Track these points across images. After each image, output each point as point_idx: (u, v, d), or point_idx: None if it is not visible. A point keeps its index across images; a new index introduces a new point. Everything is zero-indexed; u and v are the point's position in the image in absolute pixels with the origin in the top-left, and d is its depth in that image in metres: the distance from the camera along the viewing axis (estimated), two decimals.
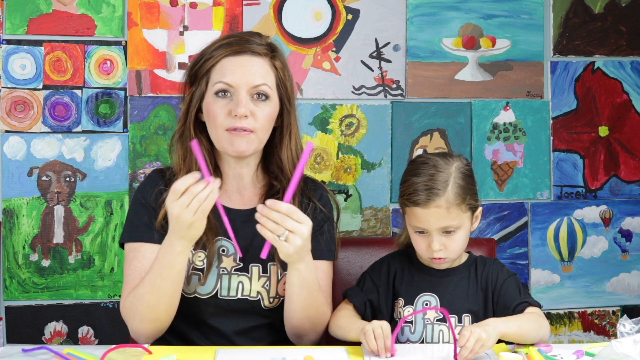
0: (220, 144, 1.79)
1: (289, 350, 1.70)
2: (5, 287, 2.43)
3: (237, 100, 1.75)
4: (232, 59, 1.77)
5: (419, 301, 1.83)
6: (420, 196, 1.75)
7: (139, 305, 1.71)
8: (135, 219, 1.83)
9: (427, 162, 1.81)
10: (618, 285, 2.66)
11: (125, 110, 2.45)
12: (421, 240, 1.80)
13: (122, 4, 2.43)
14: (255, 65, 1.78)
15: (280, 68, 1.81)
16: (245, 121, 1.74)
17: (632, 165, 2.65)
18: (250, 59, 1.78)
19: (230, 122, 1.74)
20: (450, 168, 1.79)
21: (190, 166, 1.80)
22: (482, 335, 1.57)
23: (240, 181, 1.87)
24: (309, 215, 1.85)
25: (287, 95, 1.83)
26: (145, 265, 1.76)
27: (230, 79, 1.75)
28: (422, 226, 1.78)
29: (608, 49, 2.62)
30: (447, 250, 1.78)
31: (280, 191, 1.84)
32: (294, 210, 1.63)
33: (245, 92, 1.75)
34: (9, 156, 2.42)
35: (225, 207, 1.85)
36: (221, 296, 1.80)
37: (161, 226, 1.78)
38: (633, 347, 1.45)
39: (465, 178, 1.81)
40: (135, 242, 1.80)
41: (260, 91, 1.77)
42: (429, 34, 2.54)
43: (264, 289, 1.81)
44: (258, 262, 1.81)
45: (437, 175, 1.77)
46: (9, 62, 2.40)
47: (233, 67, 1.76)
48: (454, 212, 1.76)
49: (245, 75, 1.76)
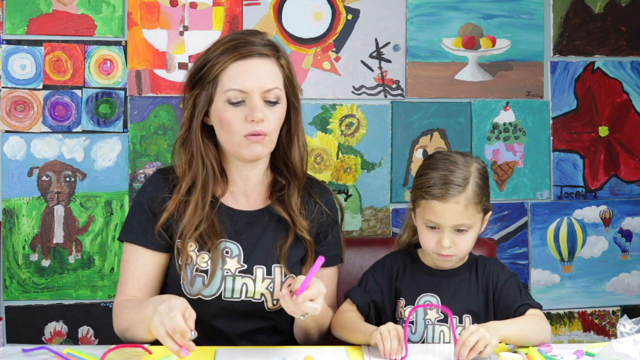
0: (235, 150, 1.79)
1: (289, 350, 1.70)
2: (5, 287, 2.43)
3: (252, 105, 1.74)
4: (241, 64, 1.76)
5: (420, 301, 1.82)
6: (439, 190, 1.75)
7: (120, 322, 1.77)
8: (134, 220, 1.84)
9: (447, 157, 1.81)
10: (618, 285, 2.66)
11: (125, 110, 2.45)
12: (431, 235, 1.79)
13: (122, 4, 2.43)
14: (265, 68, 1.77)
15: (286, 66, 1.82)
16: (262, 125, 1.75)
17: (632, 165, 2.65)
18: (258, 62, 1.77)
19: (248, 127, 1.74)
20: (470, 167, 1.79)
21: (197, 175, 1.80)
22: (486, 335, 1.57)
23: (248, 183, 1.87)
24: (315, 217, 1.86)
25: (294, 93, 1.83)
26: (138, 269, 1.81)
27: (242, 85, 1.75)
28: (437, 221, 1.77)
29: (608, 49, 2.62)
30: (457, 248, 1.78)
31: (285, 187, 1.85)
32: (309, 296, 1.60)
33: (258, 97, 1.75)
34: (9, 156, 2.42)
35: (231, 208, 1.85)
36: (225, 298, 1.79)
37: (158, 233, 1.80)
38: (633, 347, 1.45)
39: (484, 179, 1.82)
40: (132, 244, 1.83)
41: (272, 95, 1.77)
42: (429, 34, 2.54)
43: (267, 290, 1.81)
44: (262, 263, 1.81)
45: (457, 171, 1.77)
46: (9, 62, 2.40)
47: (244, 72, 1.76)
48: (470, 210, 1.76)
49: (257, 79, 1.75)
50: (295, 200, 1.85)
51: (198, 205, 1.78)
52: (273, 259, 1.81)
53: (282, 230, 1.85)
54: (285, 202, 1.85)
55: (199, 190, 1.80)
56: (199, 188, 1.80)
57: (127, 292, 1.82)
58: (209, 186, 1.81)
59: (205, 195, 1.80)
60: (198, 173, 1.80)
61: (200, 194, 1.79)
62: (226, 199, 1.86)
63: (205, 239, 1.78)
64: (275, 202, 1.86)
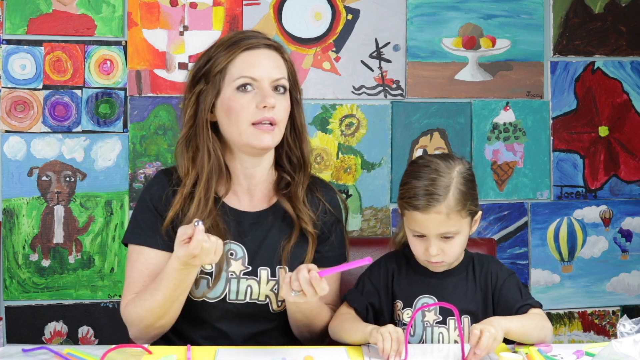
0: (243, 139, 1.77)
1: (289, 350, 1.70)
2: (5, 287, 2.43)
3: (263, 92, 1.75)
4: (250, 53, 1.78)
5: (417, 303, 1.81)
6: (420, 201, 1.72)
7: (147, 315, 1.72)
8: (141, 220, 1.82)
9: (428, 165, 1.77)
10: (618, 285, 2.66)
11: (125, 110, 2.45)
12: (419, 243, 1.78)
13: (122, 4, 2.43)
14: (272, 59, 1.79)
15: (290, 61, 1.84)
16: (273, 112, 1.75)
17: (632, 165, 2.65)
18: (266, 52, 1.80)
19: (258, 114, 1.74)
20: (452, 172, 1.76)
21: (202, 169, 1.79)
22: (492, 331, 1.56)
23: (252, 180, 1.86)
24: (318, 216, 1.85)
25: (297, 89, 1.85)
26: (148, 269, 1.77)
27: (253, 72, 1.76)
28: (421, 231, 1.76)
29: (608, 49, 2.62)
30: (445, 254, 1.77)
31: (290, 184, 1.85)
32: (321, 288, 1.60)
33: (268, 84, 1.76)
34: (9, 156, 2.42)
35: (234, 209, 1.84)
36: (229, 300, 1.78)
37: (166, 232, 1.78)
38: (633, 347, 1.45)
39: (467, 183, 1.78)
40: (140, 245, 1.80)
41: (280, 84, 1.78)
42: (429, 34, 2.54)
43: (272, 292, 1.80)
44: (267, 265, 1.80)
45: (438, 180, 1.74)
46: (9, 62, 2.40)
47: (253, 60, 1.77)
48: (453, 218, 1.74)
49: (267, 68, 1.77)
50: (301, 193, 1.85)
51: (201, 201, 1.77)
52: (278, 260, 1.81)
53: (286, 229, 1.84)
54: (292, 196, 1.84)
55: (203, 185, 1.78)
56: (202, 182, 1.78)
57: (136, 292, 1.78)
58: (212, 181, 1.79)
59: (209, 190, 1.78)
60: (203, 167, 1.79)
61: (203, 189, 1.78)
62: (229, 199, 1.84)
63: None
64: (283, 197, 1.85)
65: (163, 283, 1.69)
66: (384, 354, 1.60)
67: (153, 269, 1.77)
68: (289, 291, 1.61)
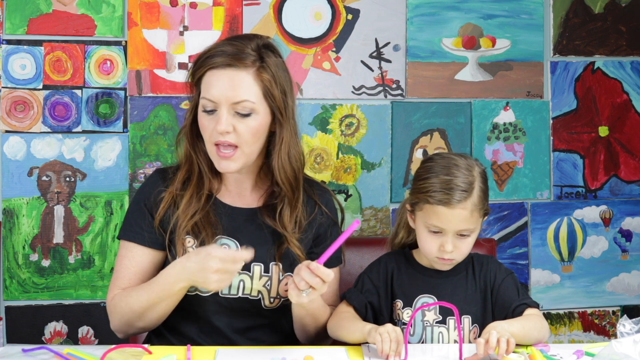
0: (212, 158, 1.80)
1: (289, 350, 1.70)
2: (5, 287, 2.43)
3: (218, 116, 1.74)
4: (216, 73, 1.75)
5: (417, 303, 1.82)
6: (446, 195, 1.72)
7: (127, 311, 1.77)
8: (132, 218, 1.86)
9: (452, 161, 1.77)
10: (618, 285, 2.66)
11: (125, 110, 2.45)
12: (433, 240, 1.77)
13: (122, 4, 2.43)
14: (236, 80, 1.74)
15: (267, 80, 1.76)
16: (228, 136, 1.74)
17: (632, 165, 2.65)
18: (235, 73, 1.74)
19: (215, 136, 1.75)
20: (473, 171, 1.77)
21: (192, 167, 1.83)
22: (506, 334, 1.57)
23: (241, 185, 1.88)
24: (315, 218, 1.86)
25: (277, 105, 1.78)
26: (134, 266, 1.82)
27: (211, 94, 1.75)
28: (441, 226, 1.74)
29: (608, 49, 2.62)
30: (459, 252, 1.77)
31: (278, 196, 1.84)
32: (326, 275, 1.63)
33: (227, 108, 1.74)
34: (9, 156, 2.42)
35: (227, 205, 1.85)
36: (222, 294, 1.80)
37: (157, 228, 1.82)
38: (633, 347, 1.45)
39: (485, 183, 1.80)
40: (128, 242, 1.84)
41: (241, 107, 1.74)
42: (429, 34, 2.54)
43: (264, 288, 1.81)
44: (260, 261, 1.81)
45: (464, 177, 1.75)
46: (9, 62, 2.40)
47: (217, 81, 1.75)
48: (475, 216, 1.75)
49: (225, 91, 1.73)
50: (286, 217, 1.83)
51: (193, 197, 1.81)
52: (271, 257, 1.82)
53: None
54: (277, 216, 1.84)
55: (194, 184, 1.83)
56: (194, 182, 1.83)
57: (122, 287, 1.83)
58: (203, 181, 1.84)
59: (201, 189, 1.83)
60: (193, 168, 1.84)
61: (195, 187, 1.83)
62: (222, 195, 1.87)
63: (200, 229, 1.78)
64: (264, 209, 1.85)
65: (152, 287, 1.74)
66: (383, 354, 1.60)
67: (139, 266, 1.82)
68: (299, 293, 1.63)
